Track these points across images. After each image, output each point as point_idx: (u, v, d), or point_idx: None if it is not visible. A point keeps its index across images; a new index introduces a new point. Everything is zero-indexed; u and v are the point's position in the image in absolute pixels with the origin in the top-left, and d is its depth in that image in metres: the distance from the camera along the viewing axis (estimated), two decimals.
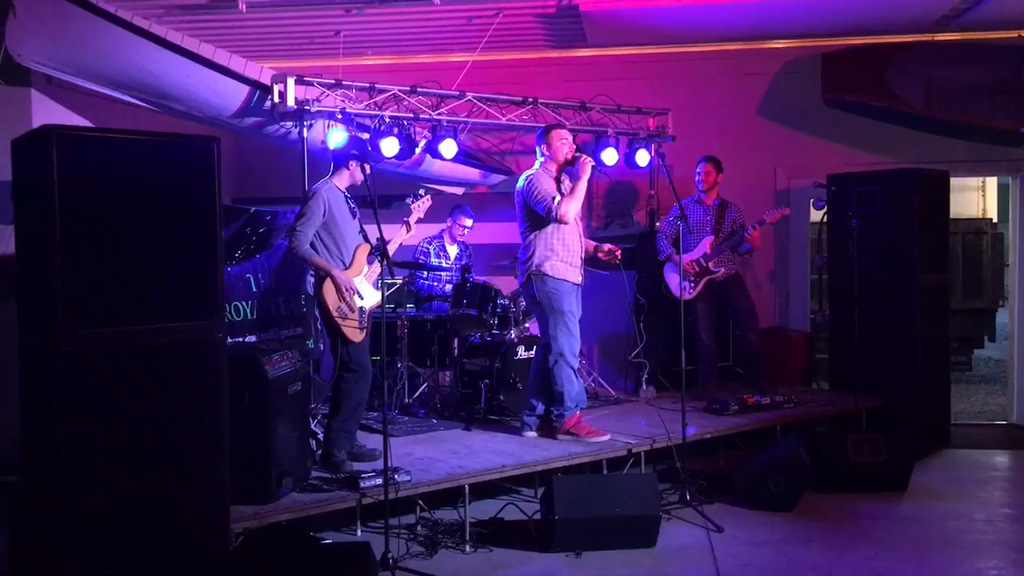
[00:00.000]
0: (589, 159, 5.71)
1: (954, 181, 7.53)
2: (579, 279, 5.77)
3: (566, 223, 5.65)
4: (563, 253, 5.68)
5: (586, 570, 4.68)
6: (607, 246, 5.97)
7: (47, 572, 3.69)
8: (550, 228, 5.66)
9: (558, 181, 5.76)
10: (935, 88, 7.72)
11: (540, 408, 5.86)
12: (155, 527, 3.81)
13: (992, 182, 11.96)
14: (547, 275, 5.65)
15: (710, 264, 6.97)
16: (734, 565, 4.69)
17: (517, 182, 5.81)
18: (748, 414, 6.46)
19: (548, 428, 5.83)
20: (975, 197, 12.09)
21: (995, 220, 11.78)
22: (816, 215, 7.81)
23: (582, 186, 5.63)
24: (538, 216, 5.65)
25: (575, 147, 5.84)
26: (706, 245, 6.99)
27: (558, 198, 5.60)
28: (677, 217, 5.78)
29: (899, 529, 5.26)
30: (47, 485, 3.73)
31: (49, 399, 3.67)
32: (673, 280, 7.00)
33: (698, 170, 7.13)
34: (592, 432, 5.74)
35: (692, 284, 6.93)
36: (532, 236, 5.71)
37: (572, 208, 5.61)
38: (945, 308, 7.42)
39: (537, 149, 5.85)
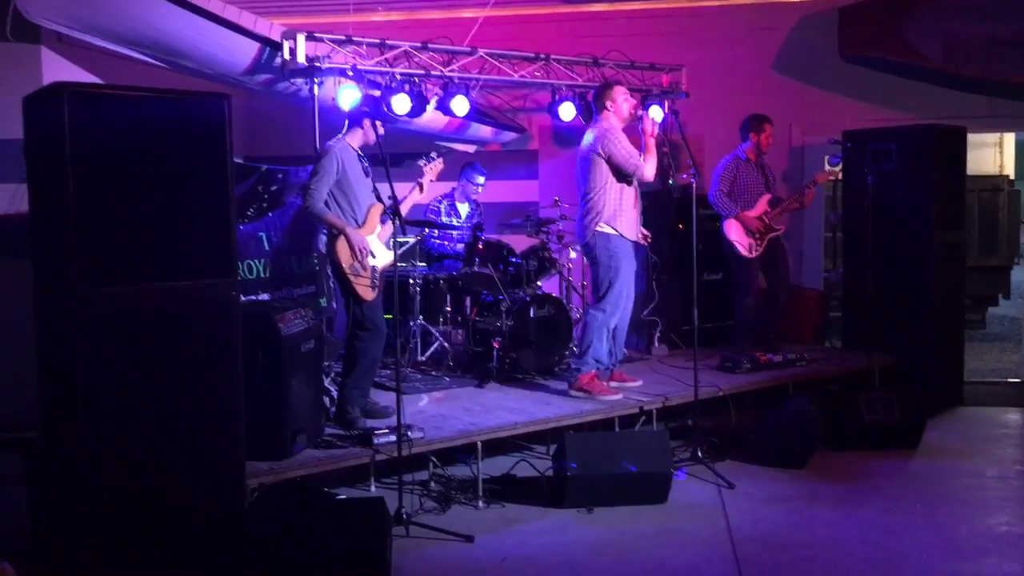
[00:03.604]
0: (654, 118, 5.80)
1: (971, 137, 7.44)
2: (639, 237, 5.89)
3: (649, 181, 5.77)
4: (630, 210, 5.75)
5: (598, 525, 4.72)
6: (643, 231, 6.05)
7: (65, 528, 3.75)
8: (618, 186, 5.71)
9: None
10: (954, 42, 7.62)
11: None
12: (172, 483, 3.85)
13: (1009, 138, 11.82)
14: (613, 232, 5.70)
15: (772, 222, 6.92)
16: (745, 521, 4.72)
17: (584, 138, 5.82)
18: (761, 372, 6.47)
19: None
20: (992, 153, 11.96)
21: (1012, 177, 11.66)
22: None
23: (653, 144, 5.71)
24: (619, 171, 5.67)
25: (636, 103, 5.97)
26: (765, 203, 6.91)
27: (643, 156, 5.66)
28: (691, 174, 5.74)
29: (910, 486, 5.28)
30: (64, 442, 3.77)
31: (65, 357, 3.70)
32: (740, 239, 6.91)
33: (766, 131, 6.90)
34: (604, 391, 5.76)
35: (758, 243, 6.90)
36: (602, 191, 5.70)
37: (653, 167, 5.72)
38: (960, 266, 7.37)
39: (595, 106, 5.90)
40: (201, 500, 3.93)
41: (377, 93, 6.43)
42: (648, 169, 5.67)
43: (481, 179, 7.45)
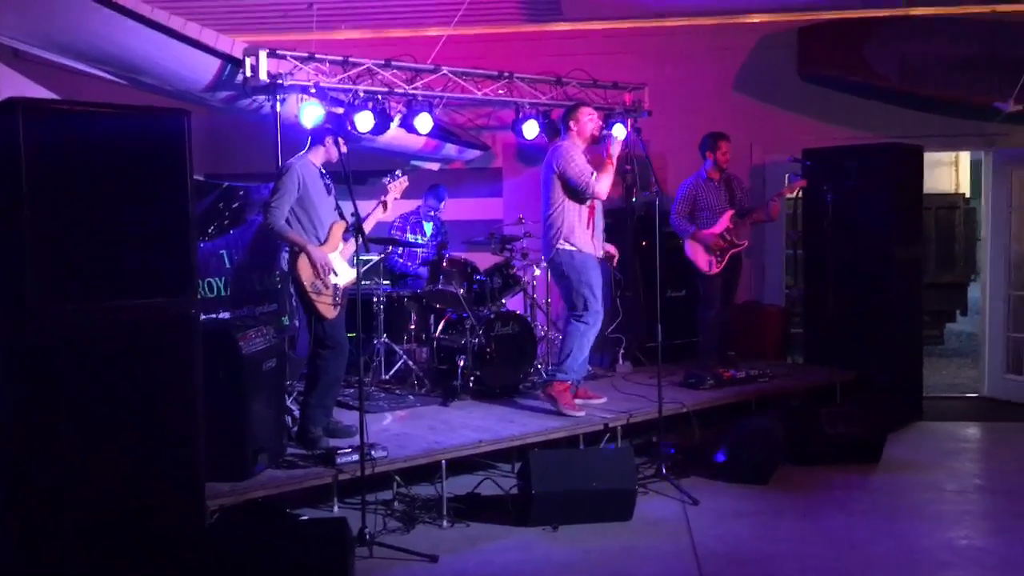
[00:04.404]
0: (617, 137, 5.85)
1: (928, 156, 7.59)
2: (601, 253, 5.96)
3: (601, 199, 5.82)
4: (584, 228, 5.79)
5: (563, 543, 4.70)
6: (610, 248, 6.16)
7: (17, 551, 3.66)
8: (573, 203, 5.75)
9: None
10: (910, 62, 7.75)
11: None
12: (130, 504, 3.78)
13: (965, 157, 12.05)
14: (575, 248, 5.75)
15: (734, 238, 6.98)
16: (709, 537, 4.73)
17: (547, 155, 5.89)
18: (724, 388, 6.50)
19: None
20: (948, 172, 12.17)
21: (968, 195, 11.87)
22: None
23: (611, 163, 5.76)
24: (570, 188, 5.72)
25: (601, 124, 6.02)
26: (727, 219, 6.97)
27: (595, 174, 5.70)
28: (653, 192, 5.79)
29: (872, 500, 5.32)
30: (17, 462, 3.68)
31: (18, 376, 3.63)
32: (699, 256, 6.99)
33: (721, 148, 6.95)
34: (569, 405, 5.77)
35: (719, 259, 6.95)
36: (560, 208, 5.76)
37: (607, 185, 5.75)
38: (918, 282, 7.48)
39: (562, 126, 5.97)
40: (160, 522, 3.86)
41: (340, 110, 6.42)
42: (600, 187, 5.70)
43: (441, 205, 7.53)
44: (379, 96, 6.63)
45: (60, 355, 3.62)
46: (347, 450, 4.73)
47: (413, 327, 6.88)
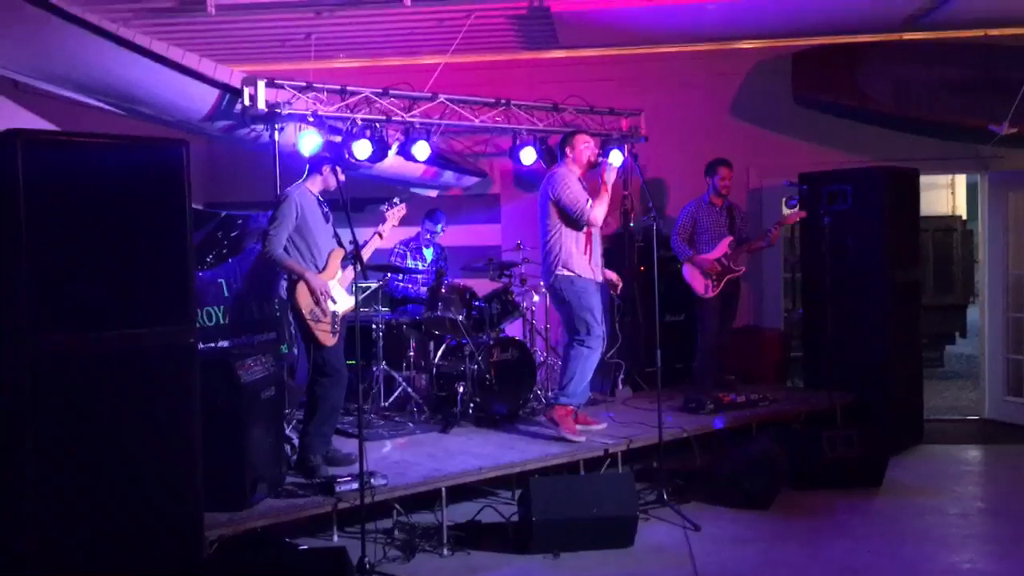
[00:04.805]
0: (613, 164, 5.88)
1: (924, 179, 7.61)
2: (600, 278, 5.96)
3: (596, 226, 5.84)
4: (582, 254, 5.81)
5: (564, 571, 4.67)
6: (611, 275, 6.18)
7: None
8: (570, 230, 5.79)
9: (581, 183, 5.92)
10: (904, 86, 7.79)
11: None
12: (127, 535, 3.76)
13: (961, 180, 12.08)
14: (574, 274, 5.77)
15: (731, 263, 7.02)
16: (711, 563, 4.70)
17: (543, 182, 5.93)
18: (724, 413, 6.48)
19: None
20: (945, 195, 12.21)
21: (964, 217, 11.90)
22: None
23: (607, 190, 5.78)
24: (566, 215, 5.77)
25: (598, 151, 6.05)
26: (725, 245, 7.03)
27: (591, 201, 5.73)
28: (651, 217, 5.80)
29: (874, 524, 5.30)
30: (12, 493, 3.66)
31: (15, 405, 3.61)
32: (696, 280, 7.06)
33: (719, 175, 7.08)
34: (571, 430, 5.75)
35: (715, 283, 7.00)
36: (557, 234, 5.81)
37: (602, 213, 5.79)
38: (917, 304, 7.48)
39: (559, 153, 6.02)
40: (158, 553, 3.83)
41: (338, 139, 6.44)
42: (595, 214, 5.74)
43: (438, 227, 7.53)
44: (377, 124, 6.66)
45: (58, 384, 3.61)
46: (347, 478, 4.71)
47: (412, 354, 6.86)
